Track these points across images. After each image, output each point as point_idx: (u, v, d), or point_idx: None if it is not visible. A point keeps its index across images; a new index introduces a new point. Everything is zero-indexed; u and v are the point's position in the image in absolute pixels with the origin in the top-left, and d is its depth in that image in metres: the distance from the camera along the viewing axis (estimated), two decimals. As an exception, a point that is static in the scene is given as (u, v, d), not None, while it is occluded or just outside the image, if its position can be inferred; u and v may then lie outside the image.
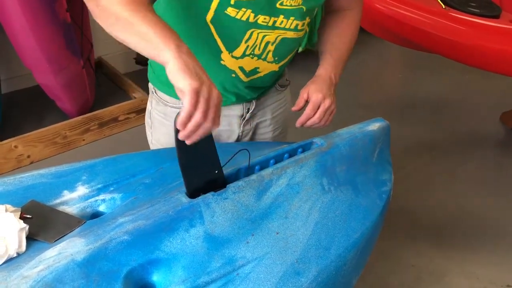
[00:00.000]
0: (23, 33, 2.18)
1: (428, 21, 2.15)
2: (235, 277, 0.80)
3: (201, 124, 0.77)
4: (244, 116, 1.23)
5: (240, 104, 1.20)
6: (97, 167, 1.00)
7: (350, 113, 2.98)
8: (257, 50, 1.06)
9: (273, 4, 0.99)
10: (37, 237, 0.81)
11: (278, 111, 1.31)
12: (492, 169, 2.56)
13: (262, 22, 1.00)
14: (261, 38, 1.04)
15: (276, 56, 1.10)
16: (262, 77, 1.14)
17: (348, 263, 0.92)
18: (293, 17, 1.04)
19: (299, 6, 1.02)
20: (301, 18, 1.05)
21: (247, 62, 1.08)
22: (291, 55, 1.16)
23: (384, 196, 1.10)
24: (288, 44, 1.10)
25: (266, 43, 1.05)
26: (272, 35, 1.04)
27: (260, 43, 1.05)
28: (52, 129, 2.45)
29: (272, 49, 1.08)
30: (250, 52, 1.06)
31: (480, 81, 3.43)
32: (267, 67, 1.12)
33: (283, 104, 1.32)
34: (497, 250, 2.00)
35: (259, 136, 1.31)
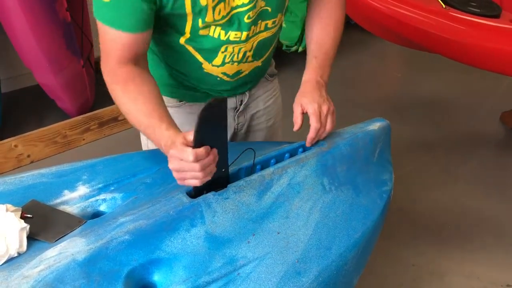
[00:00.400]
0: (23, 33, 2.18)
1: (428, 21, 2.15)
2: (236, 277, 0.80)
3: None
4: (238, 108, 1.26)
5: (233, 97, 1.24)
6: (97, 167, 1.00)
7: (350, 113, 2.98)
8: (236, 58, 1.08)
9: (240, 20, 1.00)
10: (37, 236, 0.81)
11: (270, 101, 1.33)
12: (492, 168, 2.56)
13: (234, 38, 1.02)
14: (237, 50, 1.06)
15: (256, 56, 1.12)
16: (248, 74, 1.16)
17: (349, 263, 0.92)
18: (260, 20, 1.04)
19: (263, 8, 1.02)
20: (271, 17, 1.06)
21: (228, 68, 1.10)
22: (271, 49, 1.17)
23: (385, 195, 1.10)
24: (265, 43, 1.11)
25: (244, 52, 1.07)
26: (247, 45, 1.06)
27: (238, 53, 1.07)
28: (52, 129, 2.45)
29: (251, 54, 1.10)
30: (229, 60, 1.08)
31: (480, 81, 3.43)
32: (249, 66, 1.14)
33: (273, 93, 1.35)
34: (497, 250, 1.99)
35: (254, 127, 1.33)
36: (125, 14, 0.91)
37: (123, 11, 0.90)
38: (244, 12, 0.98)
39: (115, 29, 0.93)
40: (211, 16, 0.96)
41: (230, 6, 0.97)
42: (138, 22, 0.92)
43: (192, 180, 0.84)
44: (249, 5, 0.97)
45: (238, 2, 0.97)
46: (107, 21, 0.92)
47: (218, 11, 0.96)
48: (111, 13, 0.91)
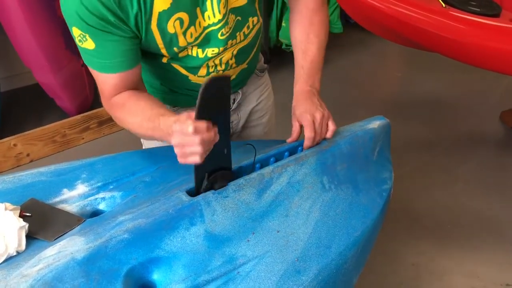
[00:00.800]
0: (22, 32, 2.18)
1: (428, 20, 2.14)
2: (236, 276, 0.80)
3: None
4: (231, 107, 1.25)
5: None
6: (96, 165, 1.00)
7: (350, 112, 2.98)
8: (220, 67, 1.09)
9: (215, 37, 1.00)
10: (36, 235, 0.81)
11: (262, 96, 1.34)
12: (492, 168, 2.56)
13: (212, 54, 1.03)
14: (219, 61, 1.07)
15: (240, 62, 1.12)
16: (236, 77, 1.17)
17: (348, 262, 0.92)
18: (238, 32, 1.05)
19: (235, 20, 1.02)
20: (243, 25, 1.05)
21: None
22: (254, 50, 1.17)
23: (385, 194, 1.10)
24: (245, 50, 1.11)
25: (226, 61, 1.08)
26: (227, 55, 1.06)
27: (220, 63, 1.07)
28: (52, 128, 2.44)
29: (234, 61, 1.10)
30: (213, 70, 1.09)
31: (480, 80, 3.43)
32: (235, 71, 1.14)
33: (265, 89, 1.35)
34: (497, 249, 1.99)
35: (249, 124, 1.33)
36: (112, 58, 0.92)
37: (109, 55, 0.92)
38: (217, 30, 0.99)
39: (106, 73, 0.95)
40: (184, 41, 0.97)
41: (202, 27, 0.97)
42: (125, 62, 0.95)
43: (192, 156, 0.82)
44: (220, 23, 0.98)
45: (209, 22, 0.97)
46: (96, 67, 0.95)
47: (189, 35, 0.97)
48: (97, 60, 0.93)
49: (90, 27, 0.86)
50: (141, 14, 0.89)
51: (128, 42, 0.92)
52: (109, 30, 0.88)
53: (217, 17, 0.96)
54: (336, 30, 3.49)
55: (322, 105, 1.09)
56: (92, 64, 0.95)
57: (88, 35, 0.88)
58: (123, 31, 0.89)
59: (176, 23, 0.93)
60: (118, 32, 0.89)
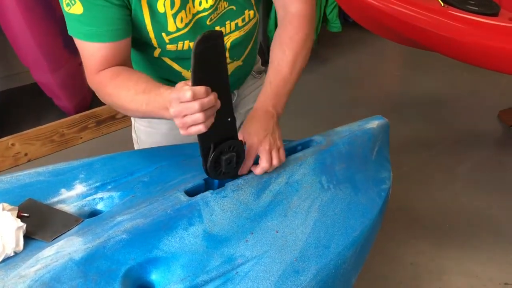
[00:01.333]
0: (20, 31, 2.17)
1: (426, 19, 2.14)
2: (234, 276, 0.79)
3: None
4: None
5: None
6: (95, 165, 0.99)
7: (348, 111, 2.98)
8: None
9: (202, 25, 0.99)
10: (34, 235, 0.81)
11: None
12: (490, 167, 2.56)
13: None
14: None
15: (234, 57, 1.10)
16: (231, 75, 1.13)
17: (347, 261, 0.92)
18: (228, 21, 1.03)
19: (228, 8, 1.01)
20: (238, 16, 1.04)
21: None
22: (249, 47, 1.14)
23: (383, 194, 1.10)
24: (240, 43, 1.09)
25: None
26: None
27: None
28: (50, 127, 2.44)
29: (228, 55, 1.08)
30: None
31: (478, 79, 3.43)
32: (230, 67, 1.11)
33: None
34: (496, 248, 1.99)
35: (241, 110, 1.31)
36: (99, 25, 0.90)
37: (97, 21, 0.89)
38: (206, 17, 0.98)
39: (93, 42, 0.92)
40: (173, 25, 0.95)
41: (191, 13, 0.96)
42: (114, 31, 0.91)
43: (195, 126, 0.77)
44: (210, 9, 0.97)
45: (200, 8, 0.96)
46: (84, 36, 0.92)
47: (180, 19, 0.95)
48: (86, 26, 0.90)
49: None
50: None
51: (117, 10, 0.89)
52: None
53: (209, 2, 0.95)
54: (335, 29, 3.49)
55: (275, 134, 0.98)
56: (78, 33, 0.91)
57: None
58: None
59: (167, 3, 0.92)
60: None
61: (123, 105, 0.94)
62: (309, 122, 2.61)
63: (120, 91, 0.92)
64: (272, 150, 0.96)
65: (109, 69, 0.95)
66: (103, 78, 0.95)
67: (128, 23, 0.93)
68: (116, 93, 0.93)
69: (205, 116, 0.76)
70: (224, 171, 0.92)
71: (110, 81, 0.94)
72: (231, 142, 0.89)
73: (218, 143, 0.88)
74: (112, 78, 0.94)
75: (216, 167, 0.90)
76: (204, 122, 0.77)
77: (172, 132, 1.21)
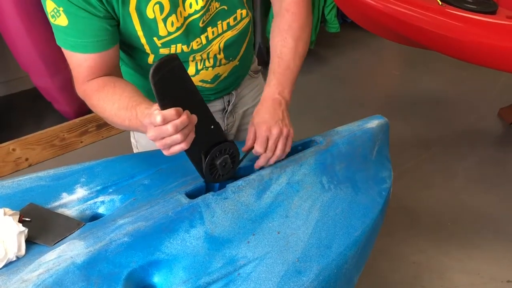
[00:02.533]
0: (19, 35, 2.17)
1: (424, 18, 2.15)
2: (237, 277, 0.80)
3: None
4: (226, 109, 1.24)
5: (220, 99, 1.22)
6: (95, 169, 0.99)
7: (347, 110, 2.99)
8: (208, 63, 1.07)
9: (195, 28, 0.99)
10: (36, 240, 0.81)
11: (258, 98, 1.30)
12: (491, 164, 2.56)
13: (197, 46, 1.01)
14: (206, 55, 1.05)
15: (229, 57, 1.10)
16: (228, 76, 1.14)
17: (349, 261, 0.92)
18: (220, 20, 1.02)
19: (219, 8, 1.01)
20: (230, 15, 1.04)
21: (205, 75, 1.09)
22: (244, 46, 1.14)
23: (384, 193, 1.10)
24: (234, 43, 1.09)
25: (213, 56, 1.06)
26: (214, 47, 1.05)
27: (207, 58, 1.06)
28: (50, 132, 2.44)
29: (222, 56, 1.08)
30: (202, 68, 1.07)
31: (477, 77, 3.43)
32: (226, 68, 1.12)
33: (260, 90, 1.33)
34: (498, 246, 1.99)
35: (244, 125, 1.32)
36: (85, 36, 0.90)
37: (82, 33, 0.90)
38: (198, 19, 0.97)
39: (79, 53, 0.92)
40: (164, 30, 0.95)
41: (183, 16, 0.96)
42: (99, 42, 0.92)
43: (175, 146, 0.79)
44: (201, 11, 0.96)
45: (191, 11, 0.96)
46: (70, 47, 0.92)
47: (170, 23, 0.95)
48: (71, 38, 0.90)
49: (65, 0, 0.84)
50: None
51: (102, 21, 0.89)
52: (82, 6, 0.86)
53: (200, 4, 0.95)
54: (333, 29, 3.49)
55: (285, 120, 0.98)
56: (65, 44, 0.92)
57: (62, 9, 0.85)
58: (97, 10, 0.87)
59: (156, 8, 0.91)
60: (92, 10, 0.87)
61: (107, 118, 0.95)
62: (308, 123, 2.61)
63: (105, 105, 0.92)
64: (280, 138, 0.96)
65: (95, 80, 0.95)
66: (89, 90, 0.95)
67: (113, 33, 0.93)
68: (101, 105, 0.93)
69: (183, 135, 0.77)
70: (221, 174, 0.93)
71: (95, 93, 0.94)
72: (221, 146, 0.91)
73: (208, 151, 0.89)
74: (97, 91, 0.94)
75: (212, 172, 0.92)
76: (184, 141, 0.79)
77: None
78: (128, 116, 0.87)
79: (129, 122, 0.88)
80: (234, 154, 0.94)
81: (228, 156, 0.92)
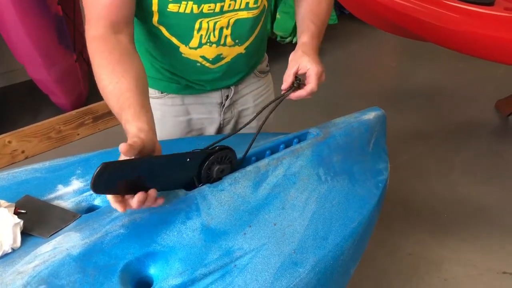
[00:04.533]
0: (14, 27, 2.16)
1: (422, 10, 2.14)
2: (233, 269, 0.80)
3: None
4: (224, 103, 1.22)
5: (217, 91, 1.20)
6: (92, 161, 0.99)
7: (345, 102, 2.99)
8: (213, 37, 1.04)
9: None
10: (32, 232, 0.81)
11: (260, 98, 1.29)
12: (487, 156, 2.57)
13: (208, 10, 0.98)
14: (212, 26, 1.02)
15: (236, 39, 1.07)
16: (230, 62, 1.11)
17: (345, 253, 0.92)
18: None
19: None
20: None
21: (207, 51, 1.06)
22: (254, 35, 1.12)
23: (381, 185, 1.10)
24: (244, 24, 1.06)
25: (220, 29, 1.03)
26: (223, 20, 1.02)
27: (213, 30, 1.03)
28: (47, 124, 2.43)
29: (229, 33, 1.05)
30: (206, 41, 1.04)
31: (474, 69, 3.43)
32: (230, 51, 1.09)
33: (265, 91, 1.31)
34: (494, 238, 2.01)
35: (242, 124, 1.29)
36: None
37: None
38: None
39: None
40: None
41: None
42: None
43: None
44: None
45: None
46: None
47: None
48: None
49: None
50: None
51: None
52: None
53: None
54: (331, 21, 3.48)
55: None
56: None
57: None
58: None
59: None
60: None
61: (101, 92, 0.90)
62: (305, 114, 2.61)
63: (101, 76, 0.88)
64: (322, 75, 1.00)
65: (106, 39, 0.90)
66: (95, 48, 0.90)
67: None
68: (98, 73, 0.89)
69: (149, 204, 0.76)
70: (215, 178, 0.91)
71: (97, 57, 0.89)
72: (209, 164, 0.88)
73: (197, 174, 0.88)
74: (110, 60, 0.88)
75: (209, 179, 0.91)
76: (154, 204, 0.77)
77: (165, 118, 1.21)
78: (116, 108, 0.85)
79: (115, 113, 0.87)
80: (230, 159, 0.92)
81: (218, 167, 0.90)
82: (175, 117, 1.21)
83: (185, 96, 1.19)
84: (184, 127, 1.23)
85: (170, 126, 1.21)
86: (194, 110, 1.21)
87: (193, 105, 1.20)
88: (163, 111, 1.19)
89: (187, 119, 1.22)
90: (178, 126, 1.22)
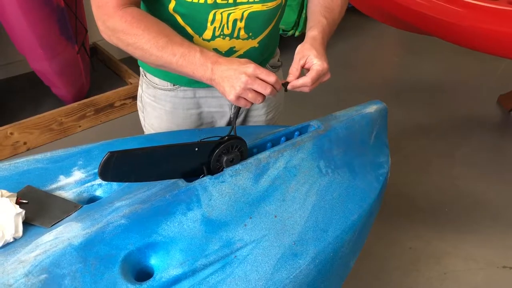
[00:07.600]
0: (16, 19, 2.15)
1: (425, 3, 2.13)
2: (233, 260, 0.80)
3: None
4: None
5: None
6: (93, 152, 0.99)
7: (346, 96, 2.98)
8: (226, 30, 1.04)
9: None
10: (33, 222, 0.81)
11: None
12: (489, 151, 2.57)
13: (222, 1, 0.98)
14: (226, 17, 1.01)
15: (249, 32, 1.07)
16: (243, 55, 1.11)
17: (345, 245, 0.92)
18: None
19: None
20: None
21: (220, 43, 1.06)
22: (268, 29, 1.11)
23: (381, 178, 1.10)
24: (258, 18, 1.06)
25: (233, 22, 1.03)
26: (237, 12, 1.01)
27: (227, 23, 1.02)
28: (48, 116, 2.44)
29: (242, 26, 1.05)
30: (219, 33, 1.04)
31: (477, 64, 3.42)
32: (243, 45, 1.09)
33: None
34: (494, 232, 2.01)
35: (251, 119, 1.30)
36: None
37: None
38: None
39: None
40: None
41: None
42: None
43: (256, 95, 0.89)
44: None
45: None
46: None
47: None
48: None
49: None
50: None
51: None
52: None
53: None
54: (333, 14, 3.46)
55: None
56: None
57: None
58: None
59: None
60: None
61: (144, 48, 0.92)
62: (307, 107, 2.61)
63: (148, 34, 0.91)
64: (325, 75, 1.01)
65: (128, 10, 0.92)
66: (126, 15, 0.92)
67: None
68: (140, 34, 0.91)
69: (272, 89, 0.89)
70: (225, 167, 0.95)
71: (136, 21, 0.91)
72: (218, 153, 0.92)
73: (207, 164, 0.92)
74: (138, 18, 0.91)
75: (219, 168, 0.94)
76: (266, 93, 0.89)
77: (176, 111, 1.21)
78: (180, 52, 0.90)
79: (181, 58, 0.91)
80: (241, 148, 0.95)
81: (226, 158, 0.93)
82: (186, 110, 1.21)
83: (196, 89, 1.19)
84: (194, 120, 1.23)
85: (181, 119, 1.21)
86: (205, 103, 1.21)
87: (204, 98, 1.20)
88: (175, 103, 1.19)
89: (198, 112, 1.22)
90: (189, 119, 1.22)
